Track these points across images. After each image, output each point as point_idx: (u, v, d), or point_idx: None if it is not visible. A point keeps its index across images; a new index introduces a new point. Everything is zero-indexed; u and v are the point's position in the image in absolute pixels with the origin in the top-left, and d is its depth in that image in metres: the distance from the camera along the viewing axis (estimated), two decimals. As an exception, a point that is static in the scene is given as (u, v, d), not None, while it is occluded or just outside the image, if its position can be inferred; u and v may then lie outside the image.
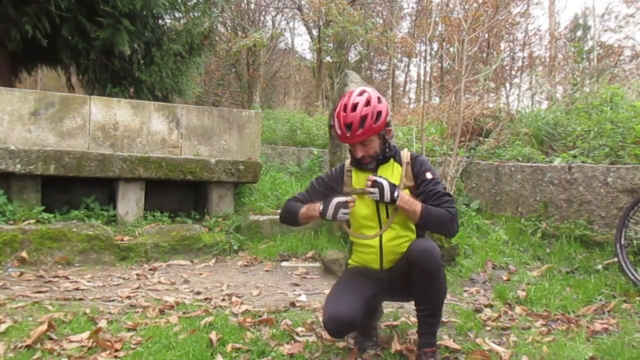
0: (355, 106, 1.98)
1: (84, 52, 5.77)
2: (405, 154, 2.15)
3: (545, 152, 5.34)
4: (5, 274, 3.34)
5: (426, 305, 1.99)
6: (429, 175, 2.07)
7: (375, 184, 1.94)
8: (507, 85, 19.70)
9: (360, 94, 2.03)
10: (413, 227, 2.10)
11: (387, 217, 2.06)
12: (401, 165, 2.12)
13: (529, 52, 19.71)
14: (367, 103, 1.99)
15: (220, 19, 13.65)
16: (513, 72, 20.27)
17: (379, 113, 2.00)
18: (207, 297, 3.01)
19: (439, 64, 16.82)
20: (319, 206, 2.02)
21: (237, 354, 2.12)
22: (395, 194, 1.92)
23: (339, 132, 2.03)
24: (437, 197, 2.02)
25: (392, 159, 2.14)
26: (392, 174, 2.11)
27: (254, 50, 15.12)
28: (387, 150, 2.11)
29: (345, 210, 1.95)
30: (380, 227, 2.08)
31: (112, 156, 4.29)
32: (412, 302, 2.11)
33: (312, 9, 13.77)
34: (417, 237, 2.10)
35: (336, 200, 1.97)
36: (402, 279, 2.02)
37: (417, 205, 1.96)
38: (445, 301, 2.08)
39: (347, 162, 2.23)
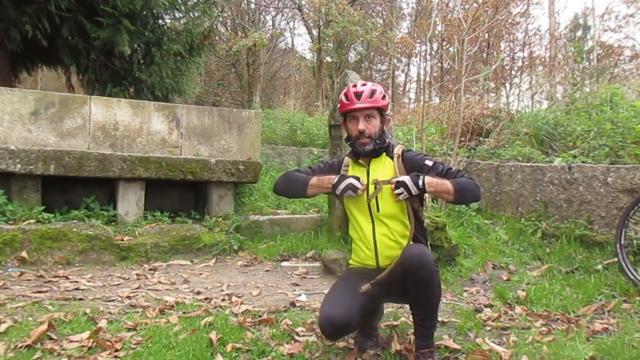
0: (364, 84, 2.18)
1: (84, 52, 5.76)
2: (398, 149, 2.21)
3: (545, 152, 5.34)
4: (5, 274, 3.34)
5: (421, 310, 2.00)
6: (429, 162, 2.11)
7: (398, 184, 2.00)
8: (507, 85, 19.70)
9: (364, 84, 2.19)
10: (407, 221, 2.12)
11: (378, 211, 2.12)
12: (392, 158, 2.18)
13: (529, 52, 19.73)
14: (374, 86, 2.18)
15: (220, 19, 13.68)
16: (513, 72, 20.27)
17: (384, 96, 2.16)
18: (207, 297, 3.01)
19: (439, 64, 16.82)
20: (333, 179, 2.09)
21: (237, 354, 2.12)
22: (420, 182, 1.97)
23: (346, 100, 2.14)
24: (449, 173, 2.08)
25: (384, 153, 2.20)
26: (383, 167, 2.17)
27: (254, 50, 15.10)
28: (382, 141, 2.17)
29: (353, 194, 2.05)
30: (372, 222, 2.13)
31: (112, 156, 4.29)
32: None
33: (312, 9, 13.76)
34: (412, 233, 2.11)
35: (350, 180, 2.04)
36: (399, 281, 2.01)
37: (448, 184, 1.99)
38: (445, 301, 2.09)
39: (346, 158, 2.29)
